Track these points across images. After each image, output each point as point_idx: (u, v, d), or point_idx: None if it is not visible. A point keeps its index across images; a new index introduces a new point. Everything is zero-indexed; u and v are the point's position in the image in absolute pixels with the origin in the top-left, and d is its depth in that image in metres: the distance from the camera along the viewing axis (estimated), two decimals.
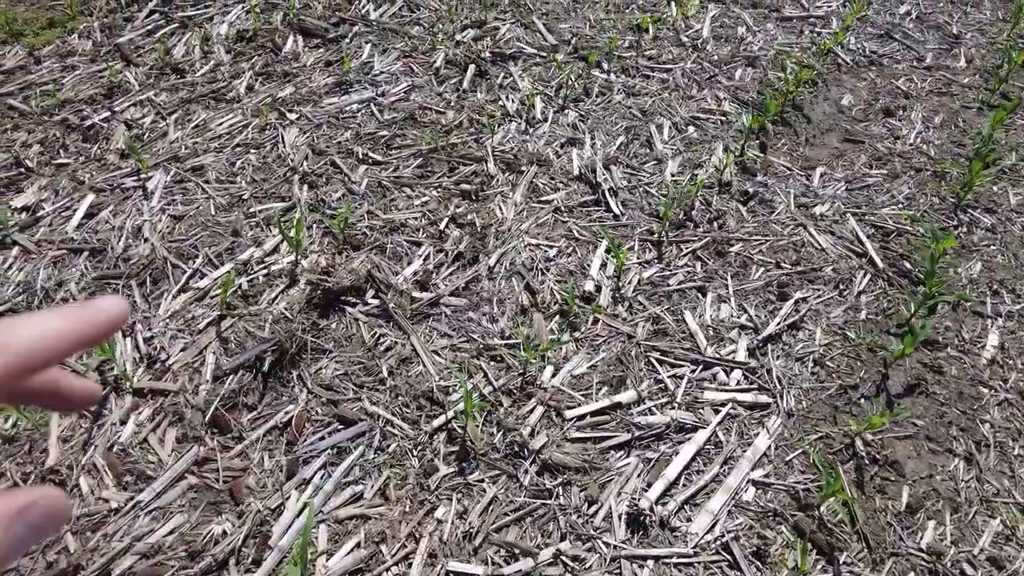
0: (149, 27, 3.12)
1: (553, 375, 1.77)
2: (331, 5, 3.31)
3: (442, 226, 2.16)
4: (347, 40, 3.08)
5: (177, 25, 3.14)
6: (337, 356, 1.79)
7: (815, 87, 2.97)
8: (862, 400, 1.78)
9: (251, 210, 2.20)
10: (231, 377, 1.73)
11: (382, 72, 2.86)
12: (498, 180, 2.36)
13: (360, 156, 2.42)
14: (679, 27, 3.28)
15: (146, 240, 2.10)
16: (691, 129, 2.66)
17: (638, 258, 2.10)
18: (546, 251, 2.10)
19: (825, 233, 2.25)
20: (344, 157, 2.42)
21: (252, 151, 2.45)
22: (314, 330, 1.84)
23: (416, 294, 1.94)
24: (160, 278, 1.98)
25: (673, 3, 3.49)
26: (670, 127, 2.67)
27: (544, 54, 3.03)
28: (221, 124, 2.58)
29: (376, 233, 2.14)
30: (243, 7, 3.27)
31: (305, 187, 2.29)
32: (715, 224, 2.25)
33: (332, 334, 1.84)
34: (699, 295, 2.01)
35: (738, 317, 1.95)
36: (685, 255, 2.13)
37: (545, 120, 2.65)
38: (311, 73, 2.88)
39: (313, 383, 1.73)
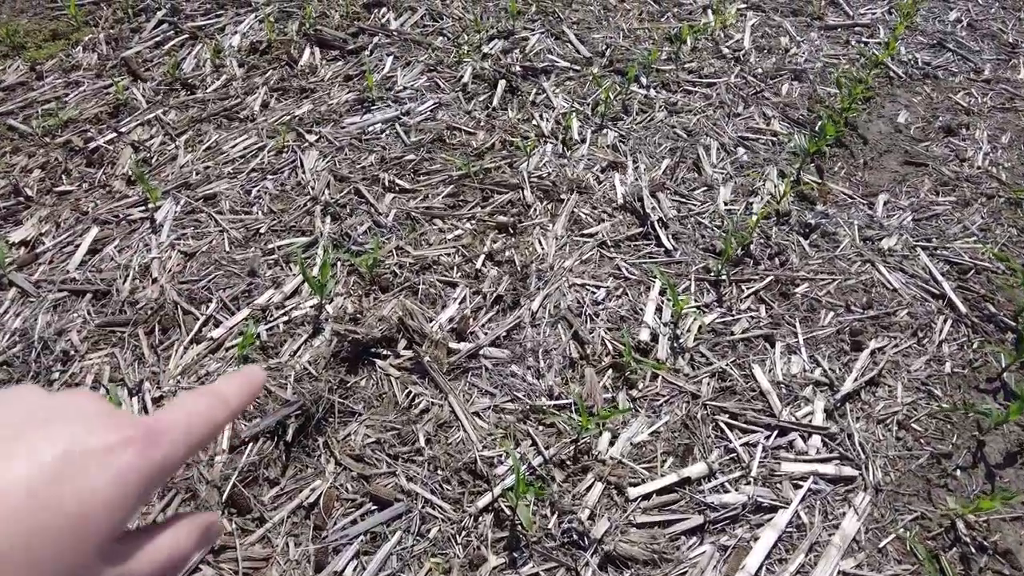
0: (157, 38, 2.91)
1: (611, 443, 1.55)
2: (349, 14, 3.09)
3: (478, 264, 1.94)
4: (367, 52, 2.86)
5: (187, 36, 2.93)
6: (368, 419, 1.59)
7: (868, 103, 2.74)
8: (957, 471, 1.56)
9: (269, 246, 1.99)
10: (251, 446, 1.53)
11: (406, 88, 2.65)
12: (536, 210, 2.14)
13: (386, 184, 2.20)
14: (718, 37, 3.05)
15: (154, 281, 1.89)
16: (740, 151, 2.44)
17: (696, 301, 1.89)
18: (593, 292, 1.89)
19: (896, 271, 2.02)
20: (369, 185, 2.21)
21: (269, 177, 2.24)
22: (342, 388, 1.63)
23: (453, 345, 1.72)
24: (170, 326, 1.78)
25: (710, 11, 3.26)
26: (718, 148, 2.44)
27: (578, 67, 2.80)
28: (235, 146, 2.37)
29: (406, 272, 1.92)
30: (256, 16, 3.06)
31: (328, 219, 2.08)
32: (777, 261, 2.03)
33: (362, 393, 1.63)
34: (767, 345, 1.79)
35: (811, 372, 1.73)
36: (747, 297, 1.91)
37: (583, 141, 2.43)
38: (330, 88, 2.67)
39: (342, 452, 1.52)
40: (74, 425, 0.32)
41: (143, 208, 2.11)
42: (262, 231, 2.04)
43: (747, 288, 1.94)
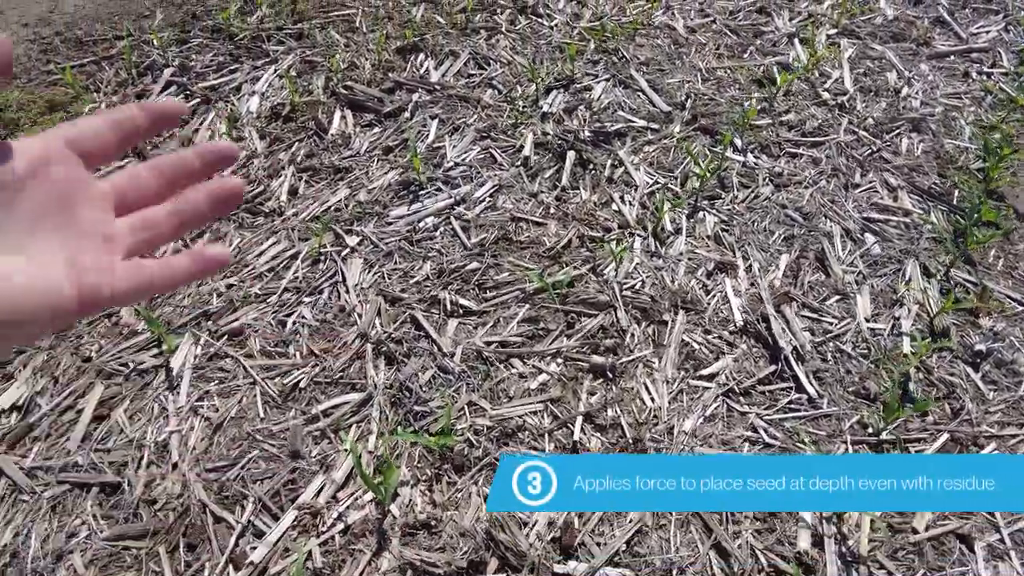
0: None
1: None
2: (382, 63, 2.63)
3: (575, 431, 1.52)
4: (407, 113, 2.41)
5: (199, 100, 2.49)
6: None
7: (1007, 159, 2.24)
8: None
9: (312, 408, 1.58)
10: None
11: (457, 164, 2.20)
12: (635, 338, 1.70)
13: (448, 306, 1.77)
14: (813, 76, 2.56)
15: (175, 466, 1.49)
16: (869, 239, 1.97)
17: None
18: None
19: None
20: (427, 308, 1.78)
21: (305, 300, 1.82)
22: None
23: (559, 568, 1.31)
24: (198, 540, 1.37)
25: (797, 41, 2.75)
26: (842, 236, 1.98)
27: (656, 126, 2.33)
28: (261, 255, 1.95)
29: (484, 441, 1.50)
30: (276, 70, 2.61)
31: (382, 362, 1.66)
32: (947, 408, 1.58)
33: None
34: (963, 548, 1.35)
35: None
36: None
37: (678, 232, 1.98)
38: (367, 165, 2.23)
39: None
40: None
41: (156, 352, 1.71)
42: (302, 385, 1.62)
43: (917, 451, 1.50)
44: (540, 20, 2.90)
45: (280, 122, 2.41)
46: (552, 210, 2.05)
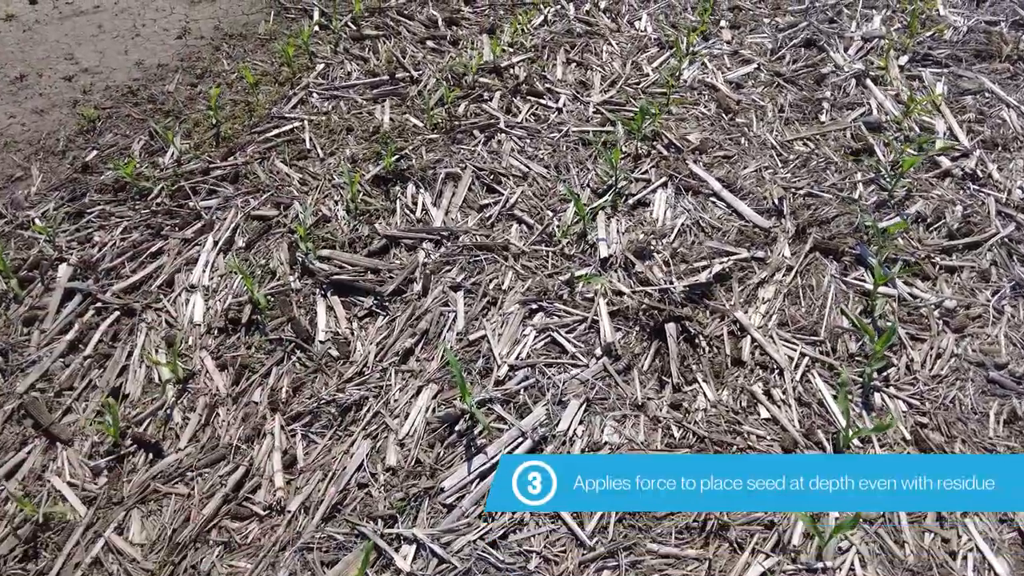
0: (69, 333, 1.64)
1: None
2: (359, 205, 1.85)
3: None
4: (417, 286, 1.65)
5: (118, 312, 1.67)
6: None
7: None
8: None
9: None
10: None
11: (513, 368, 1.46)
12: None
13: None
14: (912, 133, 1.91)
15: None
16: None
17: None
18: None
19: None
20: None
21: None
22: None
23: None
24: None
25: (869, 80, 2.09)
26: None
27: (760, 253, 1.64)
28: None
29: None
30: (215, 240, 1.80)
31: None
32: None
33: None
34: None
35: None
36: None
37: (866, 442, 1.32)
38: (384, 389, 1.47)
39: None
40: None
41: None
42: None
43: None
44: (541, 101, 2.15)
45: (242, 334, 1.62)
46: (675, 430, 1.35)
